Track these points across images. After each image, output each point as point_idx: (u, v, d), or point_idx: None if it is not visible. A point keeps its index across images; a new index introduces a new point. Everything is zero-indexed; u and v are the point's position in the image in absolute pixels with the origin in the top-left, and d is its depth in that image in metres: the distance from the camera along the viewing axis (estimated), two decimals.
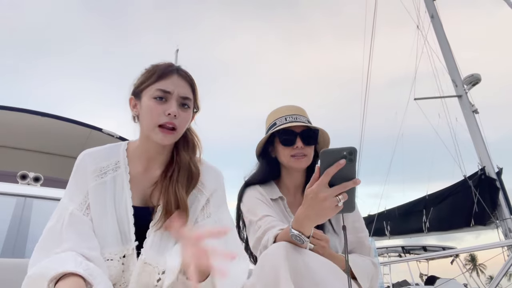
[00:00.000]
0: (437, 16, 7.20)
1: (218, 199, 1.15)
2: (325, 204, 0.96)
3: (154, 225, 1.06)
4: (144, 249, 1.03)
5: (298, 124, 1.44)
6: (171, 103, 1.06)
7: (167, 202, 1.06)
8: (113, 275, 1.03)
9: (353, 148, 0.94)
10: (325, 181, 0.96)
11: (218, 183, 1.18)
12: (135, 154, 1.15)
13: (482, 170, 5.78)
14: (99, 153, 1.13)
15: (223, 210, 1.16)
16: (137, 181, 1.11)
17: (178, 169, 1.12)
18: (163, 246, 1.04)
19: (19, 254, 1.63)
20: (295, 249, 1.09)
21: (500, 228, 5.50)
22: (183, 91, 1.10)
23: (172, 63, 1.15)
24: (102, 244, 1.02)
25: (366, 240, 1.47)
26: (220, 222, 1.11)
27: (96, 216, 1.04)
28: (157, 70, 1.10)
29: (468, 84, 6.47)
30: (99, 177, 1.08)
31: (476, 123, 6.23)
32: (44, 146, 4.01)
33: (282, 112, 1.51)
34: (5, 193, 1.97)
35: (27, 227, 1.79)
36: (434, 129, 7.23)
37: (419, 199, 6.84)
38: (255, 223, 1.36)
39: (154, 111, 1.06)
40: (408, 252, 9.89)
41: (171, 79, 1.09)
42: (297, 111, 1.52)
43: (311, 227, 1.08)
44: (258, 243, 1.31)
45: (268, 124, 1.55)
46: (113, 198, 1.07)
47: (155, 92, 1.07)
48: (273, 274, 1.03)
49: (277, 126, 1.46)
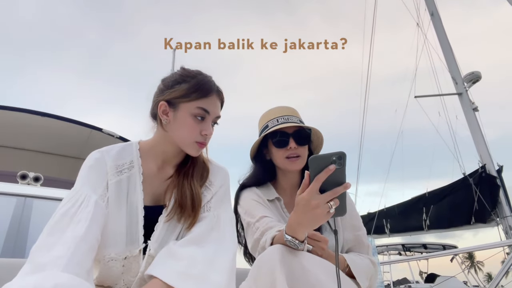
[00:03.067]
0: (437, 13, 7.19)
1: (222, 195, 1.17)
2: (317, 211, 0.96)
3: (165, 217, 1.07)
4: (151, 242, 1.05)
5: (290, 125, 1.43)
6: (208, 124, 1.10)
7: (182, 196, 1.08)
8: (113, 275, 1.03)
9: (342, 153, 0.94)
10: (316, 188, 0.95)
11: (225, 180, 1.20)
12: (150, 154, 1.16)
13: (482, 168, 5.78)
14: (114, 151, 1.14)
15: (225, 206, 1.17)
16: (150, 180, 1.13)
17: (194, 166, 1.15)
18: (166, 238, 1.06)
19: (19, 254, 1.63)
20: (291, 251, 1.09)
21: (501, 225, 5.50)
22: (218, 111, 1.14)
23: (211, 79, 1.15)
24: (108, 242, 1.02)
25: (364, 238, 1.47)
26: (219, 217, 1.12)
27: (111, 213, 1.04)
28: (200, 87, 1.10)
29: (468, 82, 6.47)
30: (118, 174, 1.09)
31: (476, 121, 6.23)
32: (44, 146, 4.02)
33: (274, 114, 1.51)
34: (5, 193, 1.97)
35: (27, 227, 1.79)
36: (434, 127, 7.23)
37: (419, 197, 6.84)
38: (252, 225, 1.36)
39: (193, 129, 1.08)
40: (408, 250, 9.91)
41: (211, 99, 1.11)
42: (288, 111, 1.51)
43: (304, 232, 1.08)
44: (256, 244, 1.31)
45: (260, 127, 1.55)
46: (126, 198, 1.08)
47: (195, 110, 1.09)
48: (269, 277, 1.04)
49: (269, 128, 1.46)
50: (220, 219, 1.11)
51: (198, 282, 0.93)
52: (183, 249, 1.00)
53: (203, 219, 1.09)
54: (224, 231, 1.09)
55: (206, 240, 1.04)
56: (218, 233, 1.07)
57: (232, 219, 1.16)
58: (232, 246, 1.08)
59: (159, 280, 0.93)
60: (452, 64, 6.74)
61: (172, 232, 1.07)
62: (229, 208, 1.19)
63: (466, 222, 5.76)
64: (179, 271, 0.93)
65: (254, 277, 1.09)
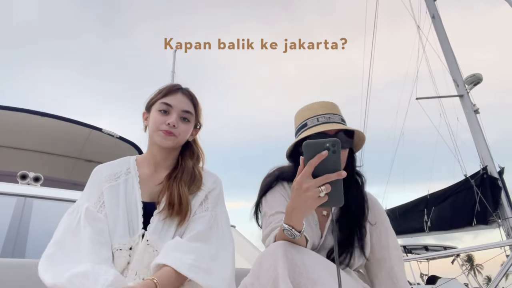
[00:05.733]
0: (438, 16, 7.20)
1: (216, 197, 1.30)
2: (308, 194, 0.96)
3: (158, 213, 1.19)
4: (148, 232, 1.16)
5: (332, 128, 1.30)
6: (172, 116, 1.26)
7: (170, 195, 1.21)
8: (121, 265, 1.12)
9: (335, 140, 0.96)
10: (308, 172, 0.96)
11: (216, 184, 1.33)
12: (144, 161, 1.33)
13: (484, 170, 5.78)
14: (112, 164, 1.33)
15: (220, 208, 1.30)
16: (146, 182, 1.28)
17: (182, 171, 1.28)
18: (164, 232, 1.17)
19: (19, 254, 1.62)
20: (293, 247, 1.09)
21: (502, 227, 5.49)
22: (184, 106, 1.29)
23: (178, 84, 1.35)
24: (114, 235, 1.15)
25: (398, 260, 1.31)
26: (216, 217, 1.25)
27: (110, 212, 1.18)
28: (165, 89, 1.31)
29: (469, 84, 6.48)
30: (113, 180, 1.26)
31: (477, 123, 6.23)
32: (44, 146, 4.01)
33: (314, 111, 1.37)
34: (5, 193, 1.96)
35: (27, 227, 1.78)
36: (436, 129, 7.23)
37: (420, 199, 6.83)
38: (267, 217, 1.32)
39: (158, 120, 1.26)
40: (410, 252, 9.88)
41: (175, 96, 1.30)
42: (330, 109, 1.37)
43: (299, 219, 1.06)
44: (264, 239, 1.31)
45: (297, 124, 1.41)
46: (125, 195, 1.23)
47: (160, 106, 1.28)
48: (272, 272, 1.04)
49: (308, 128, 1.34)
50: (217, 219, 1.25)
51: (207, 274, 1.05)
52: (190, 244, 1.12)
53: (202, 218, 1.22)
54: (223, 229, 1.24)
55: (209, 238, 1.17)
56: (217, 231, 1.21)
57: (227, 219, 1.30)
58: (230, 243, 1.22)
59: (171, 268, 1.03)
60: (453, 66, 6.74)
61: (169, 226, 1.18)
62: (224, 210, 1.32)
63: (467, 223, 5.75)
64: (189, 263, 1.05)
65: (257, 272, 1.09)
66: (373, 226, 1.39)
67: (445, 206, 6.21)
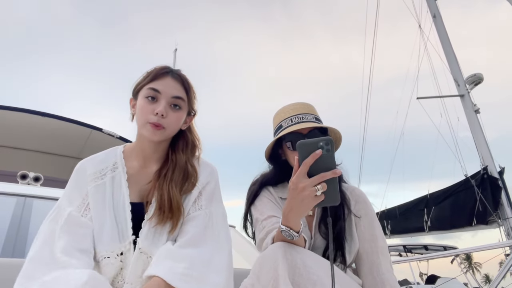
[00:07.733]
0: (439, 15, 7.20)
1: (210, 192, 1.19)
2: (304, 194, 0.96)
3: (148, 220, 1.09)
4: (140, 239, 1.07)
5: (304, 127, 1.33)
6: (160, 103, 1.12)
7: (161, 199, 1.10)
8: (110, 272, 1.04)
9: (329, 139, 0.96)
10: (303, 172, 0.96)
11: (211, 176, 1.21)
12: (132, 153, 1.20)
13: (484, 169, 5.78)
14: (97, 158, 1.19)
15: (216, 203, 1.18)
16: (134, 178, 1.16)
17: (173, 168, 1.16)
18: (157, 237, 1.08)
19: (19, 254, 1.62)
20: (293, 248, 1.09)
21: (502, 227, 5.49)
22: (174, 91, 1.14)
23: (168, 66, 1.19)
24: (100, 241, 1.06)
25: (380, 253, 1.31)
26: (211, 215, 1.14)
27: (96, 215, 1.08)
28: (152, 72, 1.16)
29: (470, 84, 6.48)
30: (99, 178, 1.14)
31: (478, 122, 6.23)
32: (44, 146, 4.01)
33: (287, 113, 1.40)
34: (5, 193, 1.96)
35: (27, 227, 1.77)
36: (436, 128, 7.23)
37: (420, 198, 6.83)
38: (260, 222, 1.33)
39: (145, 109, 1.12)
40: (410, 251, 9.88)
41: (164, 80, 1.15)
42: (303, 109, 1.41)
43: (296, 220, 1.06)
44: (261, 244, 1.30)
45: (274, 126, 1.45)
46: (112, 197, 1.12)
47: (147, 92, 1.13)
48: (272, 273, 1.04)
49: (282, 129, 1.37)
50: (212, 217, 1.14)
51: (198, 283, 0.97)
52: (182, 250, 1.03)
53: (196, 218, 1.12)
54: (218, 229, 1.13)
55: (202, 241, 1.07)
56: (212, 231, 1.11)
57: (224, 215, 1.18)
58: (227, 244, 1.12)
59: (161, 280, 0.95)
60: (454, 66, 6.74)
61: (162, 230, 1.09)
62: (220, 205, 1.20)
63: (467, 223, 5.75)
64: (180, 273, 0.97)
65: (257, 273, 1.09)
66: (359, 219, 1.39)
67: (445, 205, 6.21)
